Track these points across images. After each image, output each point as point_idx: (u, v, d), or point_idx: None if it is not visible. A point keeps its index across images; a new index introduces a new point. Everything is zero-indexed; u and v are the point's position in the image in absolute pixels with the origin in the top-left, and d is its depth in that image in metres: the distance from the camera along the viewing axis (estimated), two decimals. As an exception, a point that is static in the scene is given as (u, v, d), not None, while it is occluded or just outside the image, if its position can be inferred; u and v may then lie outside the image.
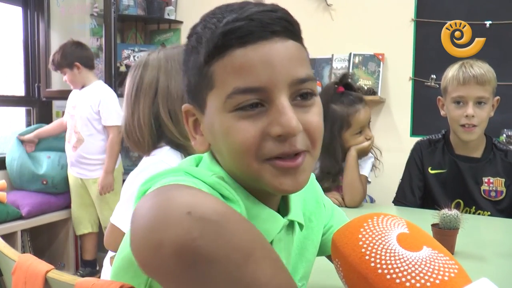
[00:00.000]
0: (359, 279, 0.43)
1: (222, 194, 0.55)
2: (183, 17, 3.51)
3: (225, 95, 0.55)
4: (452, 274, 0.40)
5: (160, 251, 0.40)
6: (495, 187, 1.65)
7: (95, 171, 2.74)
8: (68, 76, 2.73)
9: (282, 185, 0.56)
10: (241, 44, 0.54)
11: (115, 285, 0.50)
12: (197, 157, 0.66)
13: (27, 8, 3.25)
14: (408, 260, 0.41)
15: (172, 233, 0.39)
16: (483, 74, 1.59)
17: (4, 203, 2.57)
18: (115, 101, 2.75)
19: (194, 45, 0.59)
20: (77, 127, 2.72)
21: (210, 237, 0.40)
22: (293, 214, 0.65)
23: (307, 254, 0.73)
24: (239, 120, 0.55)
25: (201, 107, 0.60)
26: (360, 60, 2.91)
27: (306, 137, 0.57)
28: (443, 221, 1.12)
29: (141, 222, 0.42)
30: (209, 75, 0.57)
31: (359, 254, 0.44)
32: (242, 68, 0.54)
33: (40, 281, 0.58)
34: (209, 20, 0.57)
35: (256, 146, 0.55)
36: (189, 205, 0.41)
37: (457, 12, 2.76)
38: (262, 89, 0.54)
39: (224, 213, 0.42)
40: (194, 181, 0.54)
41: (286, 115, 0.54)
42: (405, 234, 0.44)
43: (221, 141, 0.57)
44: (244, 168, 0.57)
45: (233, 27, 0.54)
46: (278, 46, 0.55)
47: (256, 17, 0.54)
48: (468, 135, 1.63)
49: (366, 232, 0.45)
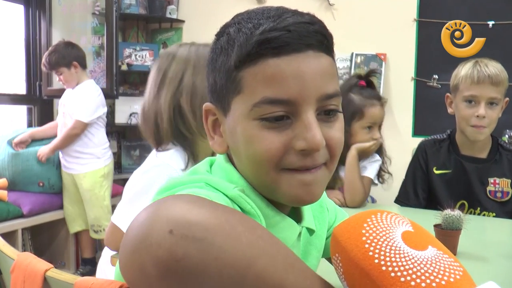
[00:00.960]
0: (361, 275, 0.42)
1: (242, 208, 0.54)
2: (185, 16, 3.50)
3: (253, 103, 0.55)
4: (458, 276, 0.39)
5: (144, 273, 0.38)
6: (501, 188, 1.63)
7: (85, 165, 2.76)
8: (64, 76, 2.74)
9: (297, 196, 0.57)
10: (275, 55, 0.54)
11: (114, 284, 0.50)
12: (211, 160, 0.66)
13: (28, 6, 3.24)
14: (414, 259, 0.40)
15: (154, 255, 0.38)
16: (498, 75, 1.55)
17: (5, 201, 2.57)
18: (93, 99, 2.75)
19: (225, 46, 0.58)
20: (67, 124, 2.74)
21: (196, 256, 0.38)
22: (306, 221, 0.65)
23: (311, 259, 0.72)
24: (264, 130, 0.55)
25: (224, 110, 0.59)
26: (362, 60, 2.90)
27: (326, 151, 0.57)
28: (446, 221, 1.11)
29: (127, 240, 0.41)
30: (237, 80, 0.56)
31: (362, 250, 0.42)
32: (273, 79, 0.54)
33: (39, 280, 0.57)
34: (245, 24, 0.56)
35: (278, 158, 0.55)
36: (172, 221, 0.39)
37: (460, 12, 2.75)
38: (290, 102, 0.54)
39: (213, 227, 0.39)
40: (212, 195, 0.53)
41: (312, 131, 0.54)
42: (410, 232, 0.43)
43: (243, 147, 0.57)
44: (262, 176, 0.57)
45: (269, 36, 0.53)
46: (311, 60, 0.55)
47: (293, 28, 0.54)
48: (477, 135, 1.60)
49: (370, 227, 0.44)
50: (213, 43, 0.61)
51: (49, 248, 3.00)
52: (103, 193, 2.78)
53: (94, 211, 2.77)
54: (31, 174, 2.76)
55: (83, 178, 2.75)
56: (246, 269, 0.39)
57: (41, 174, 2.78)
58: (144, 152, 3.55)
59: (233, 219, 0.41)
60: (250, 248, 0.40)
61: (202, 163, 0.66)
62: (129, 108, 3.44)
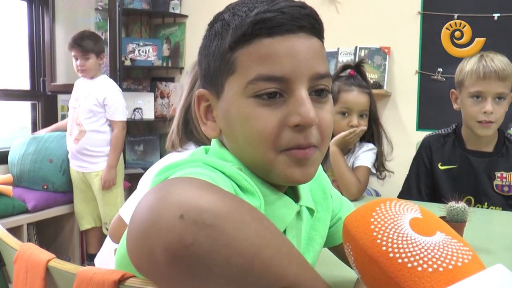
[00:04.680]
0: (370, 263, 0.42)
1: (240, 186, 0.55)
2: (188, 11, 3.50)
3: (247, 80, 0.56)
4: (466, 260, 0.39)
5: (153, 258, 0.38)
6: (508, 182, 1.60)
7: (97, 163, 2.73)
8: (90, 63, 2.69)
9: (292, 175, 0.58)
10: (269, 35, 0.56)
11: (116, 274, 0.49)
12: (205, 147, 0.67)
13: (32, 2, 3.25)
14: (421, 245, 0.40)
15: (163, 240, 0.37)
16: (505, 69, 1.50)
17: (10, 196, 2.58)
18: (121, 96, 2.76)
19: (219, 31, 0.59)
20: (80, 119, 2.70)
21: (206, 242, 0.37)
22: (304, 200, 0.66)
23: (314, 245, 0.73)
24: (258, 107, 0.56)
25: (217, 92, 0.61)
26: (366, 54, 2.88)
27: (317, 132, 0.58)
28: (450, 214, 1.10)
29: (136, 224, 0.40)
30: (231, 61, 0.58)
31: (370, 238, 0.43)
32: (267, 57, 0.56)
33: (41, 269, 0.57)
34: (239, 8, 0.59)
35: (275, 136, 0.56)
36: (183, 206, 0.38)
37: (464, 5, 2.72)
38: (284, 79, 0.56)
39: (223, 214, 0.39)
40: (211, 174, 0.53)
41: (305, 106, 0.56)
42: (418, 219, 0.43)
43: (238, 127, 0.58)
44: (258, 156, 0.58)
45: (263, 17, 0.56)
46: (304, 41, 0.57)
47: (286, 10, 0.56)
48: (485, 131, 1.57)
49: (378, 216, 0.44)
50: (206, 31, 0.63)
51: (54, 243, 3.01)
52: (116, 191, 2.76)
53: (107, 209, 2.76)
54: (36, 175, 2.78)
55: (96, 176, 2.73)
56: (253, 258, 0.39)
57: (46, 178, 2.79)
58: (148, 147, 3.55)
59: (242, 208, 0.41)
60: (258, 238, 0.40)
61: (198, 149, 0.67)
62: (133, 103, 3.43)
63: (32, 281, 0.58)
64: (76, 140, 2.72)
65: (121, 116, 2.72)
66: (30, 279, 0.59)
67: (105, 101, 2.69)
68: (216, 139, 0.65)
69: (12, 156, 2.85)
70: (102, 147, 2.73)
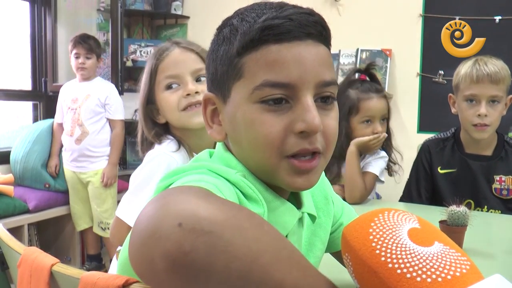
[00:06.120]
0: (369, 273, 0.42)
1: (244, 193, 0.56)
2: (190, 12, 3.50)
3: (253, 86, 0.57)
4: (464, 270, 0.39)
5: (153, 266, 0.39)
6: (507, 186, 1.61)
7: (96, 162, 2.76)
8: (90, 63, 2.75)
9: (295, 183, 0.59)
10: (277, 41, 0.57)
11: (120, 279, 0.50)
12: (210, 151, 0.68)
13: (34, 3, 3.25)
14: (419, 255, 0.40)
15: (163, 248, 0.38)
16: (497, 72, 1.53)
17: (11, 196, 2.59)
18: (119, 96, 2.84)
19: (227, 36, 0.60)
20: (82, 120, 2.72)
21: (204, 249, 0.38)
22: (306, 206, 0.66)
23: (315, 250, 0.73)
24: (264, 113, 0.57)
25: (224, 97, 0.61)
26: (367, 56, 2.89)
27: (323, 139, 0.59)
28: (451, 217, 1.10)
29: (137, 233, 0.41)
30: (239, 66, 0.58)
31: (369, 248, 0.43)
32: (275, 63, 0.56)
33: (45, 274, 0.58)
34: (248, 14, 0.59)
35: (280, 141, 0.57)
36: (182, 215, 0.39)
37: (466, 7, 2.73)
38: (290, 85, 0.56)
39: (221, 221, 0.40)
40: (216, 181, 0.54)
41: (311, 113, 0.56)
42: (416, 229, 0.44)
43: (243, 131, 0.59)
44: (262, 161, 0.59)
45: (272, 23, 0.56)
46: (311, 48, 0.58)
47: (295, 17, 0.57)
48: (480, 134, 1.58)
49: (377, 226, 0.44)
50: (215, 36, 0.63)
51: (55, 243, 3.02)
52: (112, 190, 2.79)
53: (101, 209, 2.77)
54: (38, 174, 2.79)
55: (94, 176, 2.75)
56: (251, 263, 0.40)
57: (48, 177, 2.81)
58: (149, 148, 3.56)
59: (240, 215, 0.42)
60: (256, 243, 0.41)
61: (202, 153, 0.67)
62: (134, 104, 3.42)
63: (36, 286, 0.59)
64: (78, 140, 2.73)
65: (121, 115, 2.81)
66: (34, 283, 0.59)
67: (106, 100, 2.74)
68: (221, 143, 0.65)
69: (16, 153, 2.84)
70: (103, 147, 2.77)
